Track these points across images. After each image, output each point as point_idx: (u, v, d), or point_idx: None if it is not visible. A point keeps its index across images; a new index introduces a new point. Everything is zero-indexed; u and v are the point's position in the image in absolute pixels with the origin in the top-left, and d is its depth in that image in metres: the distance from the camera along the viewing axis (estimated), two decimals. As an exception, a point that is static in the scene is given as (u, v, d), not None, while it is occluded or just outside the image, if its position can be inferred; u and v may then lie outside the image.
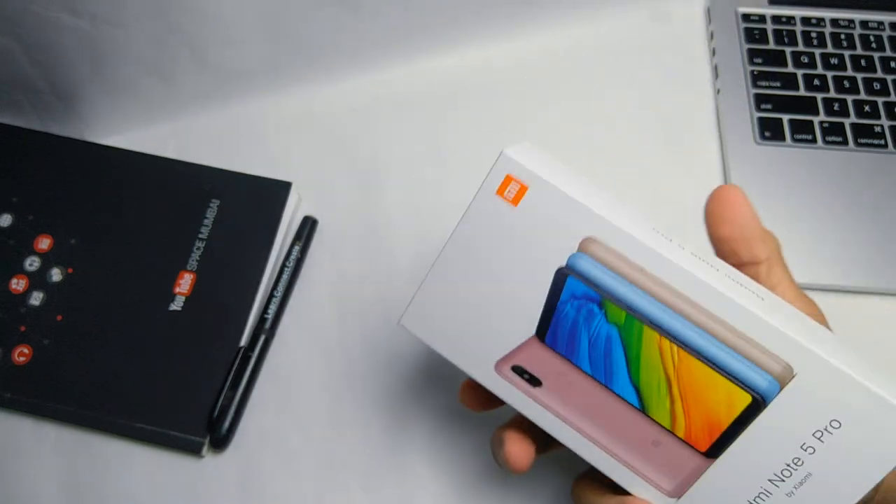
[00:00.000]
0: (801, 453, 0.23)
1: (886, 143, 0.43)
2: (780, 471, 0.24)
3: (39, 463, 0.37)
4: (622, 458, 0.25)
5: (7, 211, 0.42)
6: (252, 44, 0.44)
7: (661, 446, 0.25)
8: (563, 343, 0.26)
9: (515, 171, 0.25)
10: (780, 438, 0.24)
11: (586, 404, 0.25)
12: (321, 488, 0.36)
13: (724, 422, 0.24)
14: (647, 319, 0.24)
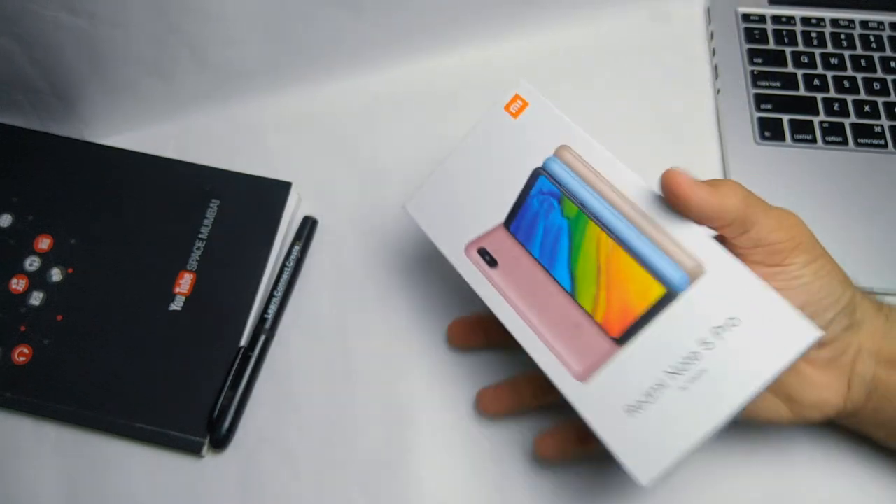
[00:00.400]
0: (699, 348, 0.25)
1: (886, 143, 0.43)
2: (677, 364, 0.26)
3: (39, 463, 0.37)
4: (545, 338, 0.28)
5: (7, 211, 0.42)
6: (252, 44, 0.44)
7: (580, 329, 0.28)
8: (523, 231, 0.30)
9: (523, 91, 0.32)
10: (682, 332, 0.26)
11: (528, 286, 0.29)
12: (321, 488, 0.36)
13: (637, 311, 0.27)
14: (592, 214, 0.29)
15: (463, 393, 0.38)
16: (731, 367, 0.25)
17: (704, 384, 0.25)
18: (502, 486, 0.36)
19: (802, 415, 0.29)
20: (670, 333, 0.26)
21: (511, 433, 0.37)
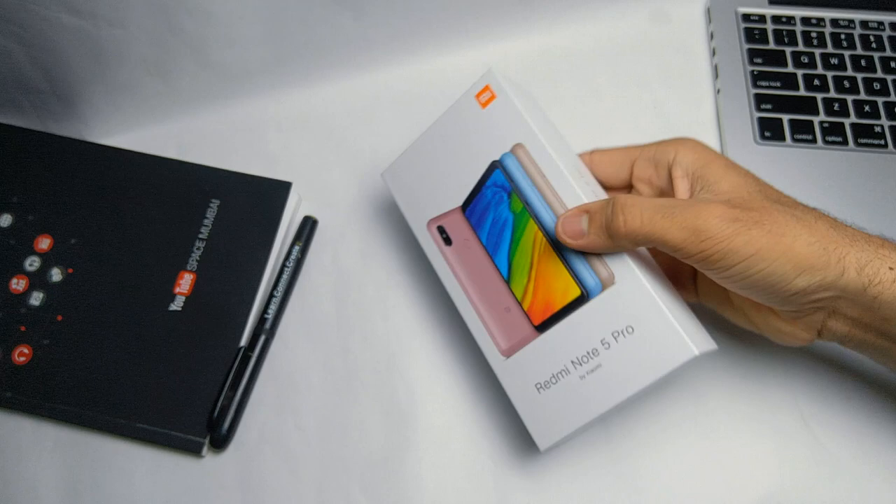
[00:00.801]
0: (599, 346, 0.30)
1: (886, 143, 0.43)
2: (580, 356, 0.30)
3: (39, 463, 0.37)
4: (482, 315, 0.33)
5: (7, 211, 0.42)
6: (252, 44, 0.44)
7: (509, 313, 0.32)
8: (476, 217, 0.33)
9: (493, 83, 0.34)
10: (588, 330, 0.30)
11: (474, 267, 0.33)
12: (321, 488, 0.36)
13: (556, 306, 0.31)
14: (533, 213, 0.32)
15: (463, 392, 0.38)
16: (620, 368, 0.29)
17: (598, 377, 0.30)
18: (502, 486, 0.36)
19: (781, 341, 0.33)
20: (579, 329, 0.30)
21: (511, 433, 0.37)
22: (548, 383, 0.31)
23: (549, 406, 0.31)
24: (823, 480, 0.36)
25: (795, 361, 0.38)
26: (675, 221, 0.28)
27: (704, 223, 0.27)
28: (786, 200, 0.30)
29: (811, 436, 0.36)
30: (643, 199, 0.29)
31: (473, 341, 0.39)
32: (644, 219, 0.28)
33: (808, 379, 0.38)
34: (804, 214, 0.29)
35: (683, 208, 0.28)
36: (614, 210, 0.29)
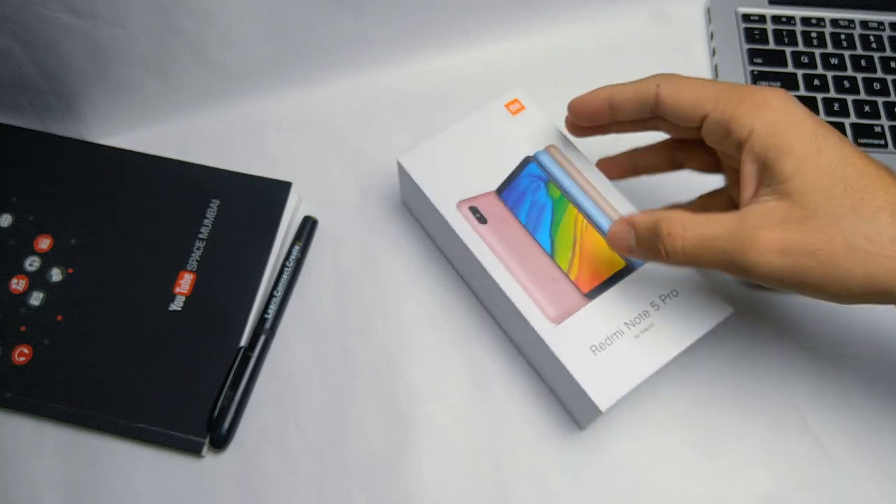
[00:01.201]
0: (649, 308, 0.33)
1: (886, 143, 0.43)
2: (633, 318, 0.33)
3: (39, 463, 0.37)
4: (527, 287, 0.34)
5: (7, 211, 0.42)
6: (252, 44, 0.44)
7: (556, 282, 0.34)
8: (512, 200, 0.36)
9: (521, 97, 0.39)
10: (637, 295, 0.33)
11: (513, 243, 0.35)
12: (321, 488, 0.36)
13: (604, 275, 0.34)
14: (573, 200, 0.36)
15: (463, 392, 0.38)
16: (671, 326, 0.33)
17: (652, 335, 0.33)
18: (502, 486, 0.36)
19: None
20: (629, 295, 0.33)
21: (511, 433, 0.37)
22: (603, 345, 0.32)
23: (607, 367, 0.32)
24: (823, 480, 0.36)
25: (795, 361, 0.38)
26: (717, 257, 0.27)
27: (750, 262, 0.27)
28: (870, 200, 0.26)
29: (811, 436, 0.36)
30: (685, 226, 0.28)
31: (474, 341, 0.39)
32: (686, 250, 0.28)
33: (808, 379, 0.38)
34: (876, 232, 0.26)
35: (729, 240, 0.27)
36: (656, 236, 0.29)
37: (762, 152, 0.28)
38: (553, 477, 0.36)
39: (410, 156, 0.38)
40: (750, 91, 0.29)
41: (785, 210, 0.27)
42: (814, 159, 0.27)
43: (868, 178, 0.27)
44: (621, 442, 0.36)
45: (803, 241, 0.26)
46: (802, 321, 0.39)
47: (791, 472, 0.36)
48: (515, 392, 0.38)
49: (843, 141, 0.28)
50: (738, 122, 0.28)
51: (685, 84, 0.31)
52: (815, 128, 0.28)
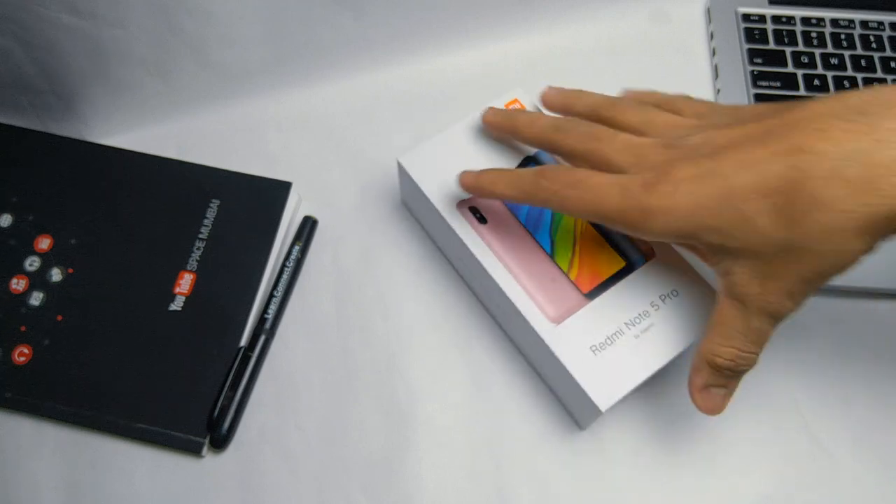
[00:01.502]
0: (649, 308, 0.33)
1: (886, 143, 0.43)
2: (633, 318, 0.33)
3: (39, 463, 0.37)
4: (527, 287, 0.34)
5: (7, 211, 0.42)
6: (252, 44, 0.44)
7: (556, 283, 0.34)
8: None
9: (521, 98, 0.39)
10: (637, 295, 0.33)
11: (513, 243, 0.35)
12: (321, 488, 0.36)
13: (604, 275, 0.34)
14: None
15: (463, 392, 0.38)
16: (671, 326, 0.33)
17: (652, 335, 0.32)
18: (502, 486, 0.36)
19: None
20: (629, 295, 0.33)
21: (511, 433, 0.37)
22: (603, 345, 0.32)
23: (607, 367, 0.32)
24: (823, 480, 0.36)
25: (795, 361, 0.38)
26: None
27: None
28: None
29: (811, 435, 0.36)
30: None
31: (474, 341, 0.39)
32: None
33: (808, 379, 0.38)
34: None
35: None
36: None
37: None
38: (553, 477, 0.36)
39: (410, 156, 0.37)
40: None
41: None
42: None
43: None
44: (621, 442, 0.36)
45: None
46: (803, 321, 0.39)
47: (791, 472, 0.36)
48: (515, 392, 0.38)
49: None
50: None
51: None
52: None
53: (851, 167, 0.23)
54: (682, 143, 0.28)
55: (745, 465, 0.36)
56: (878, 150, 0.22)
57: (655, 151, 0.29)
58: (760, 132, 0.26)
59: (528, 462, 0.36)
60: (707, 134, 0.28)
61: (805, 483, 0.36)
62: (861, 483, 0.35)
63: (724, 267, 0.27)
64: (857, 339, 0.39)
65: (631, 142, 0.29)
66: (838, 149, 0.23)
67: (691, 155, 0.27)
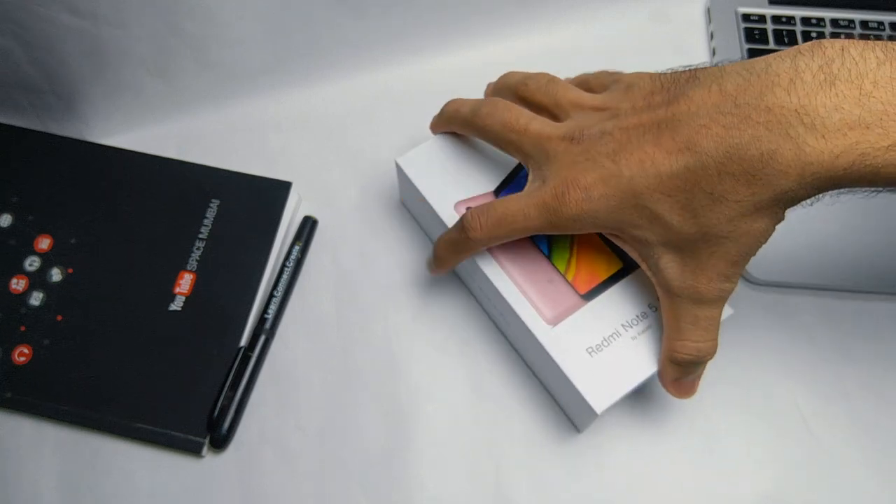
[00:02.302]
0: (647, 310, 0.33)
1: (886, 143, 0.43)
2: (630, 319, 0.33)
3: (39, 463, 0.37)
4: (523, 288, 0.34)
5: (7, 211, 0.42)
6: (252, 44, 0.44)
7: (552, 284, 0.34)
8: None
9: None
10: (635, 297, 0.33)
11: (510, 244, 0.34)
12: (321, 488, 0.36)
13: (601, 276, 0.34)
14: None
15: (463, 392, 0.38)
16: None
17: (649, 337, 0.32)
18: (502, 486, 0.36)
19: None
20: (627, 296, 0.33)
21: (510, 434, 0.37)
22: (600, 346, 0.32)
23: (604, 368, 0.31)
24: (823, 480, 0.36)
25: (795, 361, 0.38)
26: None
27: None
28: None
29: (811, 436, 0.36)
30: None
31: (473, 342, 0.39)
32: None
33: (808, 379, 0.38)
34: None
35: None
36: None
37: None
38: (552, 478, 0.36)
39: (409, 157, 0.37)
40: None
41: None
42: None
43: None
44: (620, 443, 0.36)
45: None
46: (802, 321, 0.39)
47: (791, 472, 0.36)
48: (515, 393, 0.38)
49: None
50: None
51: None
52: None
53: (734, 164, 0.25)
54: (583, 137, 0.30)
55: (745, 465, 0.36)
56: (752, 146, 0.24)
57: (560, 147, 0.30)
58: (652, 123, 0.28)
59: (527, 463, 0.36)
60: (604, 125, 0.29)
61: (805, 483, 0.36)
62: (861, 483, 0.35)
63: (654, 263, 0.29)
64: (857, 339, 0.39)
65: (539, 135, 0.31)
66: (720, 146, 0.25)
67: (594, 154, 0.29)
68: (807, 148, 0.23)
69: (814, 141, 0.23)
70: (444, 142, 0.38)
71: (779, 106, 0.24)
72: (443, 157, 0.37)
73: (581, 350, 0.32)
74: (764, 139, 0.24)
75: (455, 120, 0.36)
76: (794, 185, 0.24)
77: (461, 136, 0.38)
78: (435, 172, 0.37)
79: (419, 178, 0.37)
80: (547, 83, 0.34)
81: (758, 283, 0.40)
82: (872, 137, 0.23)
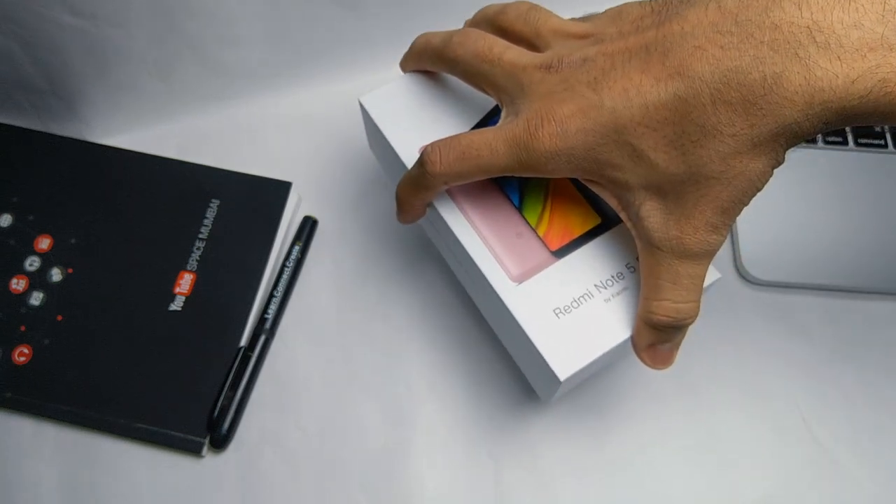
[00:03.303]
0: (624, 270, 0.29)
1: (886, 143, 0.43)
2: (604, 280, 0.29)
3: (39, 463, 0.37)
4: (488, 241, 0.30)
5: (7, 211, 0.42)
6: (252, 44, 0.44)
7: (521, 238, 0.31)
8: None
9: None
10: (611, 255, 0.30)
11: (478, 194, 0.31)
12: (321, 488, 0.36)
13: (576, 232, 0.30)
14: None
15: (464, 392, 0.38)
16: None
17: (624, 299, 0.29)
18: (502, 486, 0.36)
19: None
20: (602, 255, 0.30)
21: (512, 433, 0.37)
22: (568, 308, 0.29)
23: (570, 332, 0.28)
24: (823, 480, 0.36)
25: (795, 361, 0.38)
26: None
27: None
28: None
29: (811, 436, 0.36)
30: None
31: (474, 341, 0.39)
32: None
33: (807, 379, 0.38)
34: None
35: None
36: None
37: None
38: (553, 477, 0.36)
39: (373, 96, 0.34)
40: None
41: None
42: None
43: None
44: (620, 443, 0.36)
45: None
46: (802, 321, 0.39)
47: (791, 472, 0.36)
48: (516, 393, 0.38)
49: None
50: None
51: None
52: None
53: (731, 90, 0.22)
54: (562, 66, 0.26)
55: (745, 465, 0.36)
56: (753, 69, 0.21)
57: (536, 76, 0.27)
58: (639, 47, 0.24)
59: (527, 463, 0.36)
60: (586, 52, 0.26)
61: (805, 483, 0.36)
62: (861, 483, 0.36)
63: (634, 212, 0.26)
64: (857, 339, 0.39)
65: (514, 65, 0.28)
66: (716, 70, 0.22)
67: (573, 84, 0.26)
68: (818, 71, 0.20)
69: (827, 63, 0.20)
70: (413, 81, 0.34)
71: (787, 22, 0.21)
72: (411, 97, 0.34)
73: (547, 311, 0.29)
74: (768, 60, 0.21)
75: (425, 53, 0.32)
76: (800, 116, 0.21)
77: (433, 76, 0.34)
78: (401, 114, 0.33)
79: (383, 119, 0.33)
80: (528, 10, 0.30)
81: (758, 283, 0.40)
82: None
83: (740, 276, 0.40)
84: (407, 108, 0.33)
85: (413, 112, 0.33)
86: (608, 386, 0.38)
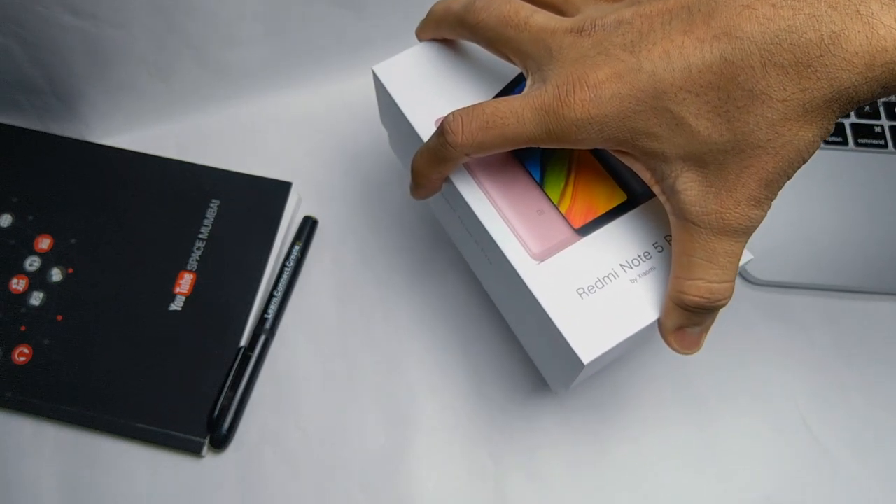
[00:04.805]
0: (651, 250, 0.28)
1: (886, 143, 0.43)
2: (630, 259, 0.28)
3: (39, 463, 0.37)
4: (508, 218, 0.29)
5: (7, 211, 0.42)
6: (252, 44, 0.44)
7: (543, 215, 0.29)
8: None
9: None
10: (638, 234, 0.28)
11: (497, 169, 0.30)
12: (321, 488, 0.36)
13: (600, 209, 0.29)
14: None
15: (464, 392, 0.38)
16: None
17: (651, 280, 0.27)
18: (502, 486, 0.36)
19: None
20: (628, 233, 0.28)
21: (512, 433, 0.37)
22: (592, 288, 0.27)
23: (594, 313, 0.27)
24: (823, 480, 0.36)
25: (795, 361, 0.38)
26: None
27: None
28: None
29: (811, 436, 0.36)
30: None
31: (475, 341, 0.39)
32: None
33: (808, 379, 0.38)
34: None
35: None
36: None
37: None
38: (554, 477, 0.36)
39: (387, 65, 0.32)
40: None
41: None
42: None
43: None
44: (621, 443, 0.36)
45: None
46: (803, 321, 0.39)
47: (791, 472, 0.36)
48: (516, 393, 0.38)
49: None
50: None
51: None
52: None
53: (783, 52, 0.20)
54: (595, 29, 0.25)
55: (745, 465, 0.36)
56: (809, 28, 0.20)
57: (566, 40, 0.25)
58: (680, 7, 0.23)
59: (528, 462, 0.36)
60: (621, 14, 0.24)
61: (805, 483, 0.36)
62: (861, 482, 0.36)
63: (669, 185, 0.24)
64: (857, 339, 0.39)
65: (542, 29, 0.26)
66: (767, 30, 0.21)
67: (607, 47, 0.24)
68: (881, 29, 0.19)
69: (892, 20, 0.19)
70: (430, 50, 0.32)
71: None
72: (428, 66, 0.32)
73: (570, 291, 0.27)
74: (826, 19, 0.20)
75: (445, 20, 0.30)
76: (858, 80, 0.20)
77: (451, 44, 0.33)
78: (417, 84, 0.32)
79: (397, 89, 0.32)
80: None
81: (758, 283, 0.40)
82: None
83: (740, 276, 0.40)
84: (423, 78, 0.32)
85: (429, 82, 0.31)
86: (608, 385, 0.38)
